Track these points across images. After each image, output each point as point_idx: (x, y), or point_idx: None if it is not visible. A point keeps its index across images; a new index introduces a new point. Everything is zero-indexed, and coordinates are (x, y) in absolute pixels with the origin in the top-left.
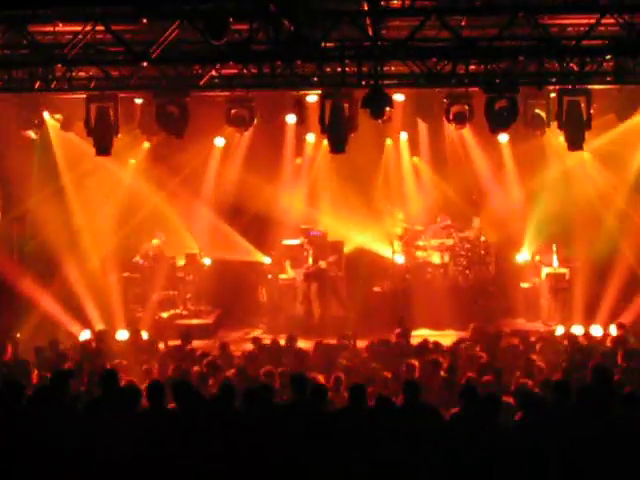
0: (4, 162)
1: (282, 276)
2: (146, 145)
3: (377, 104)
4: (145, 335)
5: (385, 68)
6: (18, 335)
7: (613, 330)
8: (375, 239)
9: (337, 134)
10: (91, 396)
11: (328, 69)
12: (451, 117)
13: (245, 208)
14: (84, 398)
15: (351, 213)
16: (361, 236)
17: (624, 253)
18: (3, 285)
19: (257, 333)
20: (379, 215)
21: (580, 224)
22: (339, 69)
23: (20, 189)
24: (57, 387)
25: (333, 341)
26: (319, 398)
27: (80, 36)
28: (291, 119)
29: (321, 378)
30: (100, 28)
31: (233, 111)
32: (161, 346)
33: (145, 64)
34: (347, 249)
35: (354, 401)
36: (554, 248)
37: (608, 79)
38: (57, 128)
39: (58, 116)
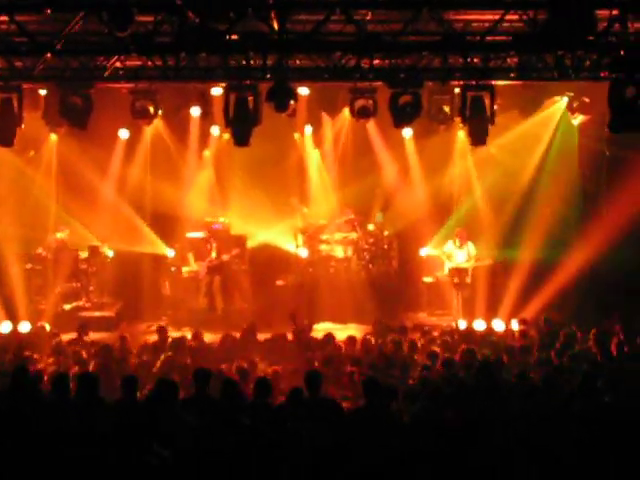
0: None
1: (185, 269)
2: (53, 137)
3: (281, 97)
4: (47, 327)
5: (290, 62)
6: None
7: (515, 325)
8: (279, 233)
9: (241, 127)
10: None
11: (233, 62)
12: (355, 111)
13: (149, 200)
14: None
15: (255, 207)
16: (265, 230)
17: (527, 248)
18: None
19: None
20: (283, 209)
21: (486, 219)
22: (244, 62)
23: None
24: None
25: (237, 334)
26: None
27: None
28: (195, 112)
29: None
30: (4, 18)
31: (137, 103)
32: (64, 338)
33: (49, 55)
34: (251, 243)
35: (260, 394)
36: (457, 243)
37: (512, 75)
38: None
39: None
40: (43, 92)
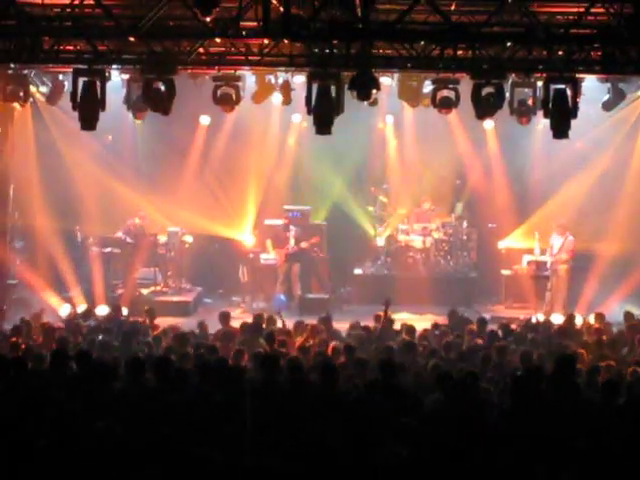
0: None
1: (263, 256)
2: (137, 122)
3: (364, 86)
4: (125, 311)
5: (373, 51)
6: (5, 307)
7: (592, 319)
8: (358, 222)
9: (323, 115)
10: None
11: (316, 49)
12: (437, 102)
13: (229, 186)
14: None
15: (335, 195)
16: (344, 218)
17: (610, 243)
18: None
19: (237, 313)
20: (363, 198)
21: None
22: (327, 50)
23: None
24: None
25: (313, 321)
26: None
27: (69, 9)
28: (277, 99)
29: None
30: (89, 2)
31: (220, 89)
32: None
33: (133, 39)
34: (329, 231)
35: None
36: (536, 236)
37: (595, 68)
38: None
39: (44, 89)
40: (126, 77)
